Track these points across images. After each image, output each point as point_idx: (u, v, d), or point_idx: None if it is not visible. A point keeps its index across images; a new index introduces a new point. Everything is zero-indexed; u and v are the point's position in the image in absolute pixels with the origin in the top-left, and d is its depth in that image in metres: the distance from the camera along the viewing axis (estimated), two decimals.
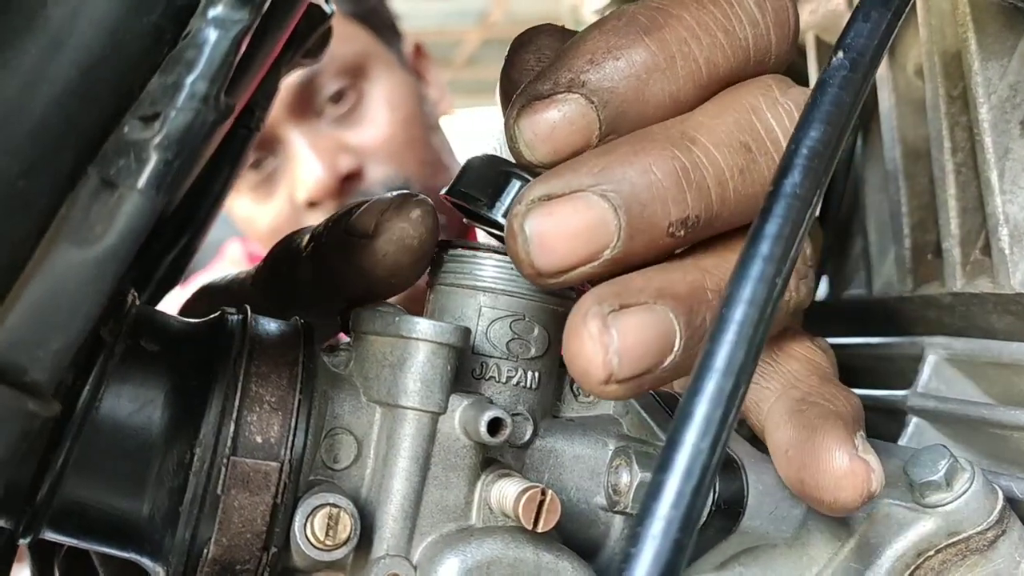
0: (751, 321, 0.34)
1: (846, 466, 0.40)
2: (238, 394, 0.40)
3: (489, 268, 0.45)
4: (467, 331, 0.42)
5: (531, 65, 0.44)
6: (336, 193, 1.42)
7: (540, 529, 0.39)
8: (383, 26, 1.54)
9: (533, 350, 0.46)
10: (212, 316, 0.44)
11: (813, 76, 0.71)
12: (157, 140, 0.29)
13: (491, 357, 0.45)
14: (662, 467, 0.33)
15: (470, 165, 0.45)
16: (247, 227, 1.56)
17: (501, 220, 0.43)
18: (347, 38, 1.42)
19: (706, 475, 0.33)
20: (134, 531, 0.40)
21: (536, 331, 0.46)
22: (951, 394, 0.56)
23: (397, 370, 0.42)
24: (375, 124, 1.46)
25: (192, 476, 0.39)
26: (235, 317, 0.43)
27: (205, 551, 0.39)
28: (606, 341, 0.37)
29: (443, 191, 0.46)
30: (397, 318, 0.42)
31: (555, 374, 0.48)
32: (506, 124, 0.42)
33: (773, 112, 0.42)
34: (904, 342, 0.60)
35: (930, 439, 0.56)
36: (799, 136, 0.37)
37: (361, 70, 1.45)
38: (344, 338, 0.47)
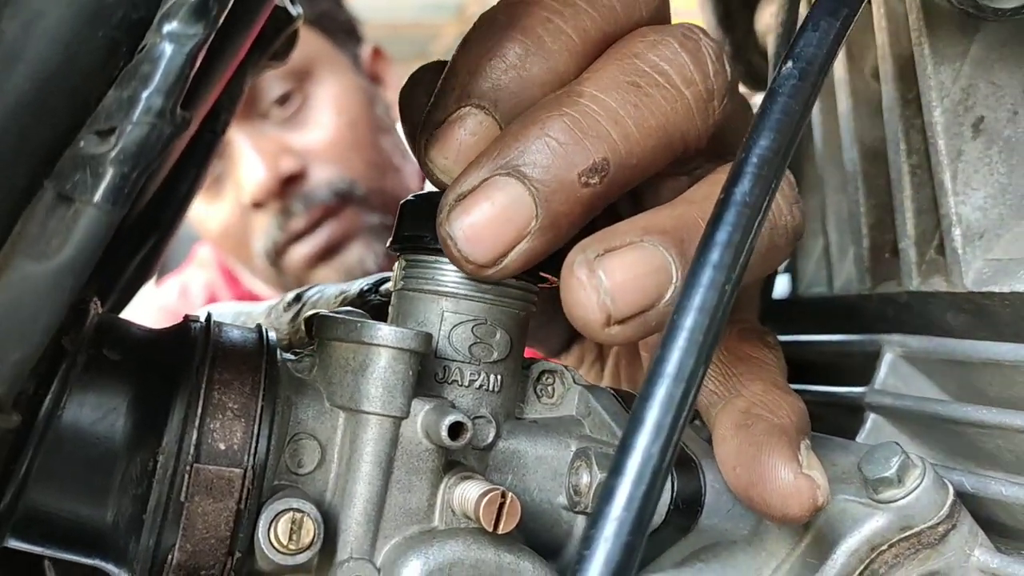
0: (701, 328, 0.35)
1: (791, 484, 0.41)
2: (201, 401, 0.40)
3: (451, 273, 0.46)
4: (429, 336, 0.43)
5: (424, 102, 0.44)
6: (279, 194, 1.45)
7: (500, 531, 0.40)
8: (336, 29, 1.56)
9: (495, 354, 0.46)
10: (175, 324, 0.44)
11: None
12: (113, 154, 0.29)
13: (453, 361, 0.46)
14: (614, 471, 0.33)
15: (404, 211, 0.47)
16: (200, 228, 1.59)
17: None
18: None
19: (657, 479, 0.33)
20: (98, 538, 0.40)
21: (498, 335, 0.46)
22: (908, 391, 0.57)
23: (359, 375, 0.42)
24: (320, 127, 1.49)
25: (156, 483, 0.39)
26: (198, 325, 0.43)
27: (169, 557, 0.39)
28: (595, 283, 0.38)
29: (388, 244, 0.47)
30: (359, 324, 0.42)
31: (518, 376, 0.48)
32: (420, 162, 0.44)
33: (653, 50, 0.42)
34: (863, 339, 0.62)
35: (887, 435, 0.57)
36: (749, 144, 0.38)
37: (307, 73, 1.48)
38: None
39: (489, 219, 0.40)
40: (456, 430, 0.41)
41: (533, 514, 0.47)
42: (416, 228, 0.46)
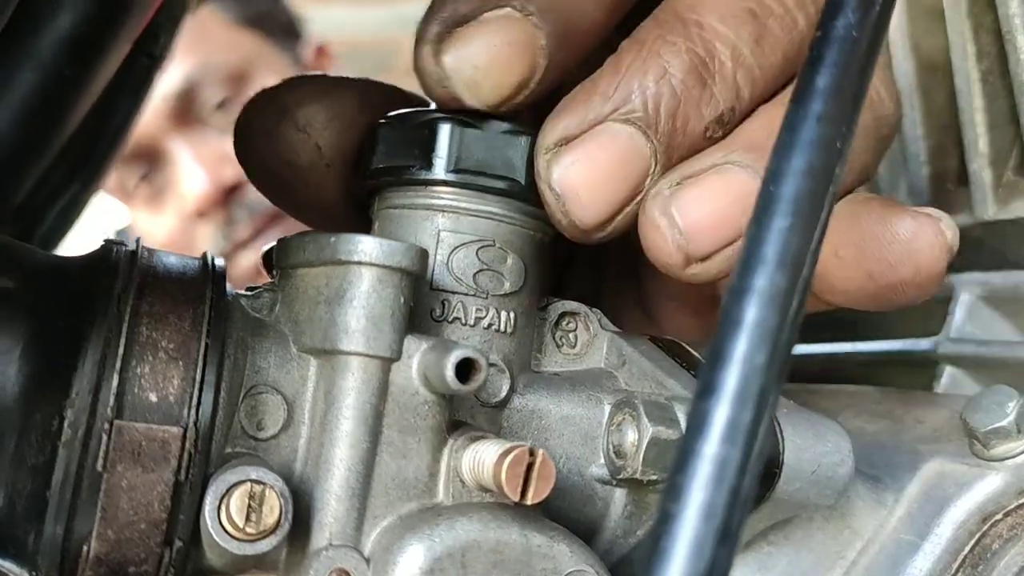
0: (810, 195, 0.25)
1: (911, 225, 0.35)
2: (123, 338, 0.30)
3: (445, 189, 0.36)
4: (423, 252, 0.33)
5: None
6: (222, 203, 1.41)
7: (530, 500, 0.30)
8: (275, 29, 1.53)
9: (507, 284, 0.37)
10: (92, 249, 0.34)
11: None
12: None
13: (454, 293, 0.36)
14: (706, 392, 0.24)
15: (381, 136, 0.37)
16: (148, 240, 1.52)
17: (447, 176, 0.36)
18: (229, 45, 1.42)
19: (766, 399, 0.24)
20: None
21: (509, 260, 0.37)
22: (989, 336, 0.48)
23: (335, 306, 0.32)
24: None
25: (62, 448, 0.29)
26: (122, 248, 0.33)
27: (85, 548, 0.29)
28: (669, 222, 0.34)
29: (360, 177, 0.38)
30: (333, 239, 0.32)
31: (534, 317, 0.38)
32: (422, 68, 0.35)
33: None
34: None
35: (967, 392, 0.48)
36: None
37: (245, 77, 1.44)
38: None
39: (604, 173, 0.35)
40: (466, 369, 0.31)
41: (559, 489, 0.37)
42: (398, 156, 0.36)
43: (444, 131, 0.36)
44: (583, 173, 0.34)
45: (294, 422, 0.33)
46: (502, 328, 0.36)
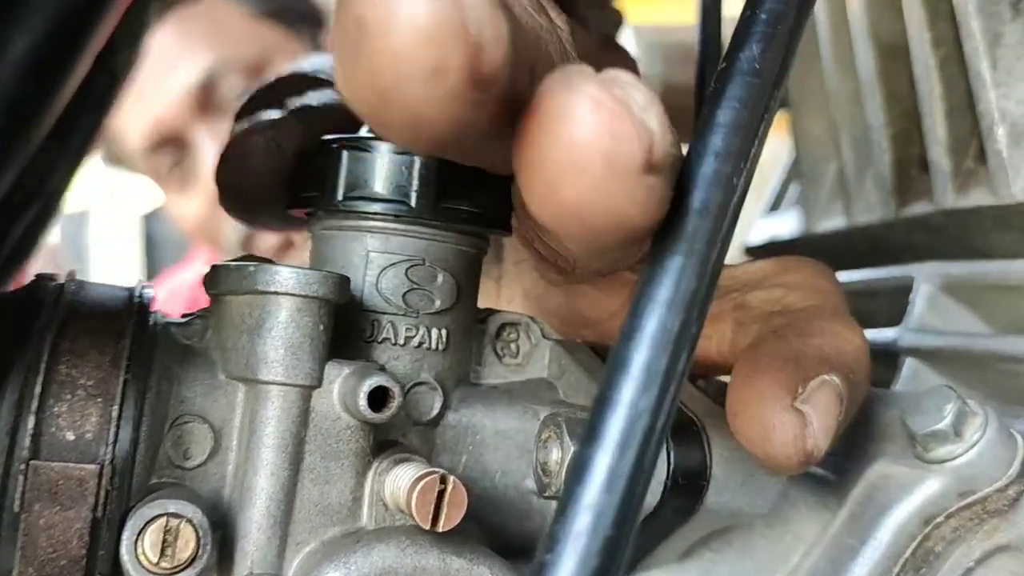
0: (704, 231, 0.25)
1: (773, 417, 0.33)
2: (41, 378, 0.30)
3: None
4: (342, 279, 0.33)
5: None
6: None
7: (441, 528, 0.30)
8: (296, 19, 1.53)
9: (437, 302, 0.37)
10: (24, 284, 0.34)
11: None
12: None
13: (384, 314, 0.36)
14: (588, 439, 0.24)
15: (304, 162, 0.38)
16: (179, 224, 1.56)
17: (342, 204, 0.35)
18: (248, 38, 1.43)
19: (648, 446, 0.24)
20: None
21: (440, 278, 0.37)
22: (949, 327, 0.48)
23: (255, 335, 0.33)
24: None
25: None
26: (51, 284, 0.34)
27: None
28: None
29: (288, 206, 0.38)
30: (252, 269, 0.33)
31: (471, 331, 0.39)
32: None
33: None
34: (891, 273, 0.52)
35: (928, 382, 0.47)
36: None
37: (265, 68, 1.44)
38: None
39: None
40: (379, 398, 0.31)
41: (497, 504, 0.37)
42: (316, 184, 0.36)
43: (341, 158, 0.36)
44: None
45: (222, 449, 0.33)
46: (433, 346, 0.37)
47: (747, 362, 0.35)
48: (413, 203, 0.35)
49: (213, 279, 0.35)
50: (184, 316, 0.36)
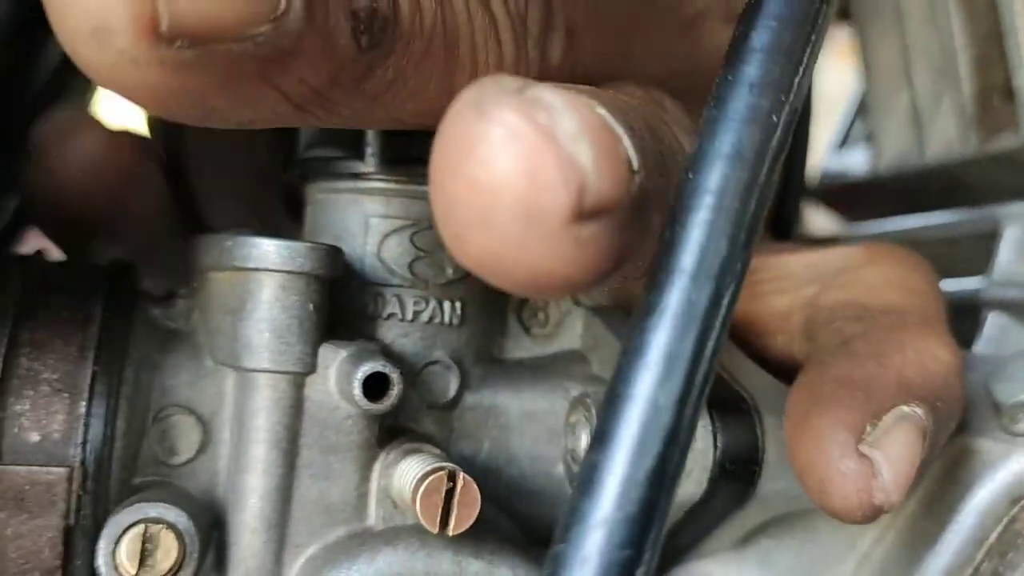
0: (738, 183, 0.21)
1: (830, 467, 0.27)
2: None
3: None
4: (333, 251, 0.29)
5: None
6: None
7: (451, 531, 0.27)
8: None
9: (449, 271, 0.33)
10: None
11: None
12: None
13: (388, 286, 0.32)
14: (598, 441, 0.20)
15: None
16: None
17: (372, 165, 0.31)
18: None
19: (671, 448, 0.20)
20: None
21: None
22: None
23: (238, 318, 0.29)
24: None
25: None
26: (14, 263, 0.30)
27: None
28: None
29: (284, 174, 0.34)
30: (231, 242, 0.29)
31: (491, 301, 0.35)
32: None
33: None
34: (972, 217, 0.47)
35: (1015, 342, 0.42)
36: None
37: None
38: None
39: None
40: (376, 385, 0.27)
41: (527, 493, 0.33)
42: (326, 145, 0.33)
43: None
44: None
45: (212, 443, 0.30)
46: (446, 320, 0.33)
47: (805, 389, 0.29)
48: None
49: (194, 253, 0.31)
50: (168, 295, 0.32)
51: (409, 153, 0.31)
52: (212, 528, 0.30)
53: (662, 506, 0.19)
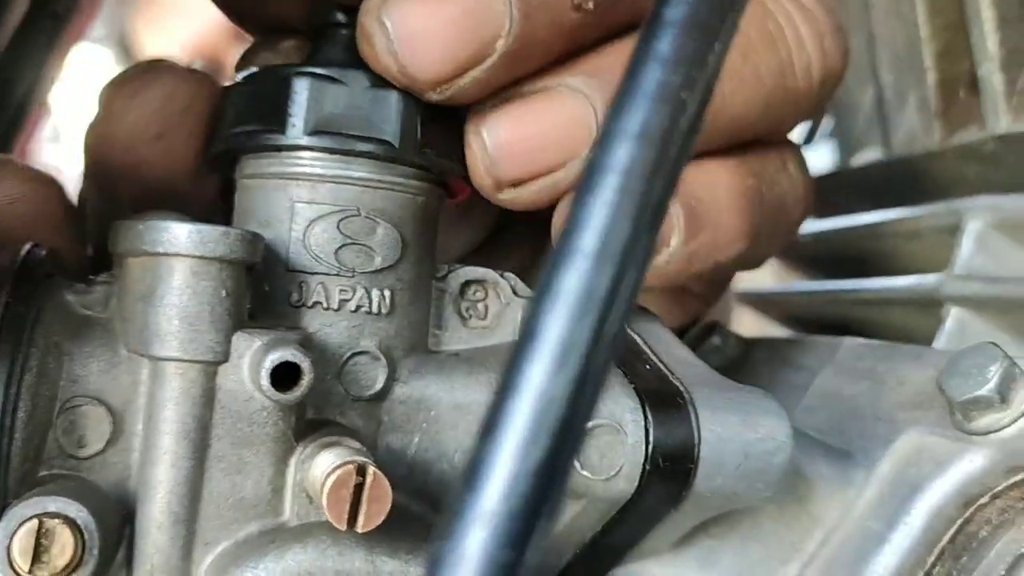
0: (641, 165, 0.20)
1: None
2: None
3: (304, 153, 0.31)
4: (249, 236, 0.28)
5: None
6: None
7: (361, 528, 0.25)
8: None
9: (377, 259, 0.32)
10: None
11: None
12: None
13: (313, 274, 0.31)
14: (485, 432, 0.19)
15: (231, 100, 0.33)
16: None
17: (303, 140, 0.31)
18: None
19: (563, 442, 0.18)
20: None
21: (380, 231, 0.32)
22: (1002, 272, 0.41)
23: (148, 304, 0.28)
24: None
25: None
26: None
27: None
28: (480, 143, 0.31)
29: (210, 149, 0.34)
30: (141, 226, 0.28)
31: (425, 290, 0.33)
32: (362, 19, 0.31)
33: None
34: (935, 211, 0.45)
35: (976, 335, 0.41)
36: None
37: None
38: None
39: (447, 19, 0.30)
40: (285, 375, 0.26)
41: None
42: (250, 120, 0.31)
43: (299, 88, 0.31)
44: (425, 14, 0.30)
45: (125, 434, 0.29)
46: (374, 309, 0.32)
47: None
48: (396, 144, 0.30)
49: (114, 237, 0.30)
50: (88, 281, 0.31)
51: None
52: (124, 523, 0.28)
53: (551, 502, 0.18)
